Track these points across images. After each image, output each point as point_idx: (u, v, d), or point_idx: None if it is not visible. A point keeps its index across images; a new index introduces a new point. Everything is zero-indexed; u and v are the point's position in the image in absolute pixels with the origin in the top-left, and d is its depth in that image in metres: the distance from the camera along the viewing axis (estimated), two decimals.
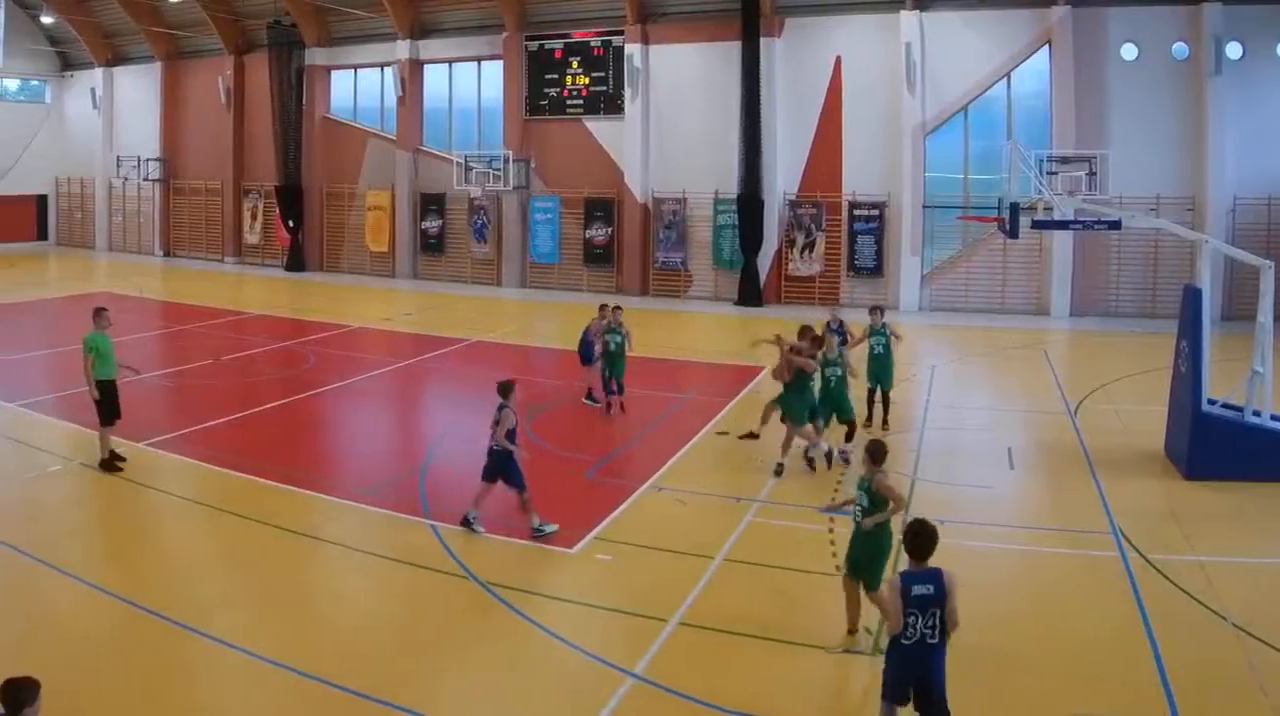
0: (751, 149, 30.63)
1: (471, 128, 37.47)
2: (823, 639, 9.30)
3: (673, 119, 32.88)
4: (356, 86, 40.43)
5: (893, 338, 16.79)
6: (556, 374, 21.78)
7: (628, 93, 33.25)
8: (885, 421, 16.85)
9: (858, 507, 9.19)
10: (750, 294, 31.11)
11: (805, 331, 14.79)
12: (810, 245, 30.98)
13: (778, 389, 14.70)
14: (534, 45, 35.22)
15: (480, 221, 36.51)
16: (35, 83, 50.07)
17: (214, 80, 42.98)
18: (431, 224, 37.89)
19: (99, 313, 14.91)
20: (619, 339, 17.54)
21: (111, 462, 14.31)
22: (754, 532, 12.30)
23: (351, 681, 8.58)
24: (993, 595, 10.19)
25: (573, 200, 34.70)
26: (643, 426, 17.39)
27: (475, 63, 37.14)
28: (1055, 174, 25.34)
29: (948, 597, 6.91)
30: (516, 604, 10.20)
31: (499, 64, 35.96)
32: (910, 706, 7.32)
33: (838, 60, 30.34)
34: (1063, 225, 20.51)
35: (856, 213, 30.40)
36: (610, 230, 34.01)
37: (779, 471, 14.20)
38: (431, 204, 37.71)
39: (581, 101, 34.69)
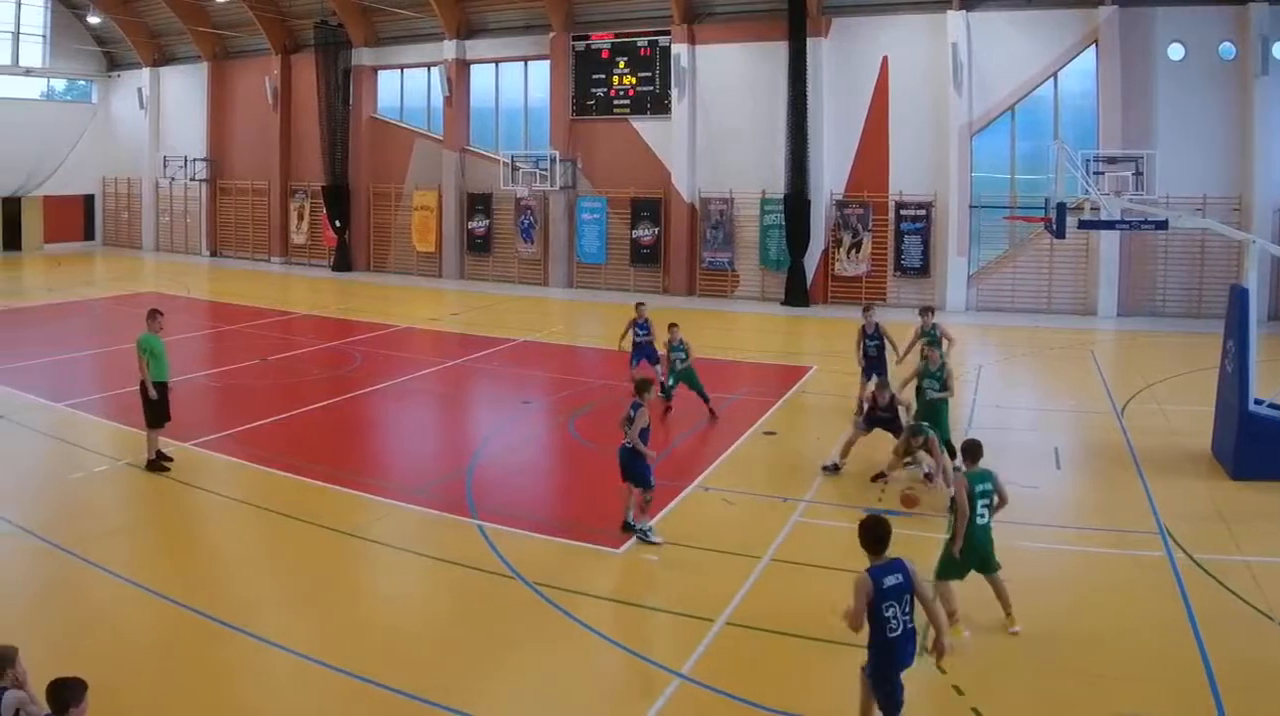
0: (798, 149, 32.25)
1: (518, 128, 39.47)
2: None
3: (719, 119, 34.56)
4: (403, 86, 42.52)
5: (944, 339, 17.14)
6: (602, 374, 23.00)
7: (674, 92, 34.98)
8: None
9: (985, 503, 9.83)
10: (797, 294, 32.73)
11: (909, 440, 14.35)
12: (857, 245, 32.46)
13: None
14: (581, 45, 37.07)
15: (527, 221, 38.38)
16: (82, 83, 52.69)
17: (261, 80, 45.29)
18: (478, 224, 39.87)
19: (153, 314, 15.49)
20: (683, 356, 18.33)
21: (158, 463, 14.95)
22: (801, 532, 12.85)
23: (398, 681, 9.02)
24: (1039, 594, 10.76)
25: (619, 200, 36.55)
26: (689, 426, 18.10)
27: (522, 63, 39.06)
28: (1102, 174, 26.69)
29: (916, 584, 7.51)
30: (563, 603, 10.66)
31: (546, 64, 37.82)
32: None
33: (884, 60, 31.87)
34: (1109, 225, 21.88)
35: (903, 212, 31.94)
36: (657, 230, 35.77)
37: (835, 470, 14.85)
38: (478, 204, 39.73)
39: (628, 101, 36.48)
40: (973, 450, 10.24)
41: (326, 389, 21.07)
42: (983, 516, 9.82)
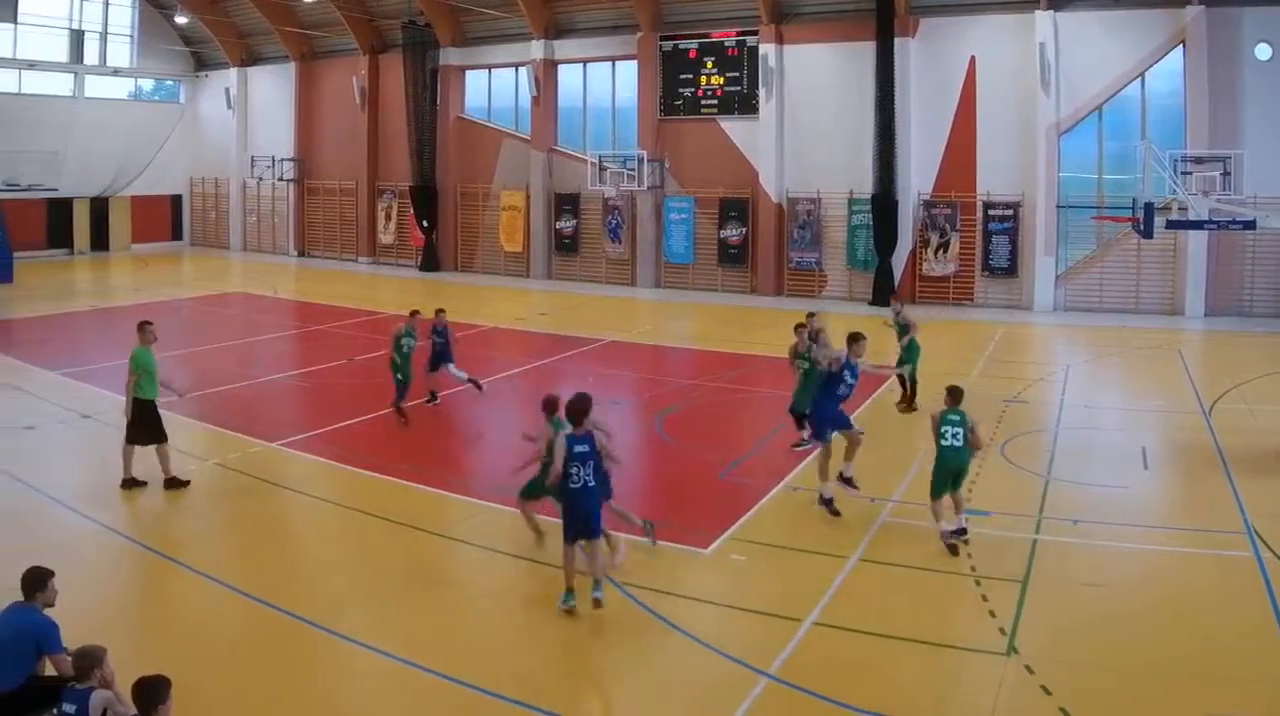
0: (886, 149, 35.42)
1: (606, 128, 43.44)
2: (956, 639, 10.74)
3: (807, 119, 37.95)
4: (491, 86, 46.69)
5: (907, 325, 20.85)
6: (690, 374, 25.15)
7: (762, 92, 38.38)
8: (913, 401, 20.57)
9: (954, 432, 13.03)
10: (884, 294, 35.56)
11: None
12: (945, 245, 35.35)
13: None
14: (668, 45, 40.73)
15: (615, 221, 42.05)
16: (170, 83, 57.97)
17: (348, 80, 49.87)
18: (565, 224, 43.68)
19: (143, 326, 15.84)
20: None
21: (135, 482, 15.34)
22: (888, 532, 13.83)
23: (485, 681, 9.75)
24: (1127, 595, 11.73)
25: (707, 200, 40.12)
26: (776, 426, 19.11)
27: (610, 63, 42.87)
28: (1189, 174, 28.67)
29: (601, 453, 11.29)
30: (650, 603, 11.47)
31: (633, 64, 41.62)
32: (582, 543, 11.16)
33: (972, 60, 34.93)
34: (1197, 225, 24.31)
35: (991, 212, 34.97)
36: (745, 230, 39.24)
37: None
38: (565, 204, 43.62)
39: (716, 101, 40.02)
40: (953, 393, 13.50)
41: (413, 389, 21.47)
42: (951, 440, 13.08)
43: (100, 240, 53.85)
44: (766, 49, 37.93)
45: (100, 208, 53.90)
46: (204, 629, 10.98)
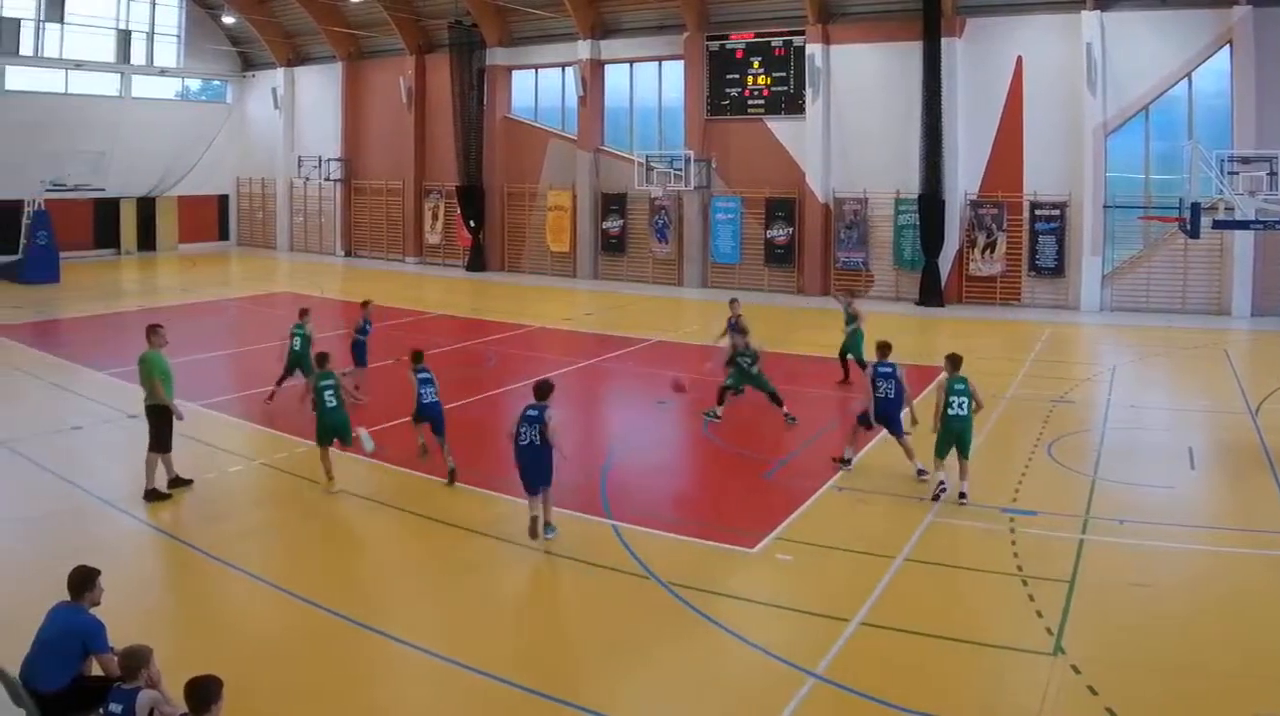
0: (932, 149, 36.92)
1: (652, 127, 45.31)
2: (1003, 639, 11.13)
3: (854, 119, 39.56)
4: (537, 86, 48.68)
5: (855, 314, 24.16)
6: None
7: (809, 92, 40.06)
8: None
9: (959, 400, 15.35)
10: (931, 294, 37.38)
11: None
12: (991, 245, 36.75)
13: None
14: (715, 45, 42.52)
15: (661, 221, 43.89)
16: (216, 83, 60.47)
17: (395, 80, 52.12)
18: (612, 224, 45.62)
19: (154, 329, 16.26)
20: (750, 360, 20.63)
21: (156, 493, 15.59)
22: (935, 532, 14.24)
23: (532, 681, 10.12)
24: (1174, 595, 12.13)
25: (754, 200, 41.87)
26: (822, 426, 20.12)
27: (656, 63, 44.69)
28: (1236, 174, 29.65)
29: (547, 421, 13.55)
30: (697, 603, 11.87)
31: (680, 64, 43.41)
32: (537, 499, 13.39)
33: (1019, 60, 36.37)
34: (1244, 225, 25.27)
35: (1038, 212, 36.44)
36: (791, 230, 40.93)
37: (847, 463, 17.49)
38: (612, 204, 45.54)
39: (762, 101, 41.76)
40: (953, 360, 15.80)
41: (460, 389, 22.60)
42: (958, 409, 15.36)
43: (147, 240, 56.11)
44: (813, 49, 39.50)
45: (147, 208, 56.17)
46: (250, 628, 11.49)
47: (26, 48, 49.60)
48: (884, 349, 17.37)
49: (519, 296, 41.05)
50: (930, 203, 36.86)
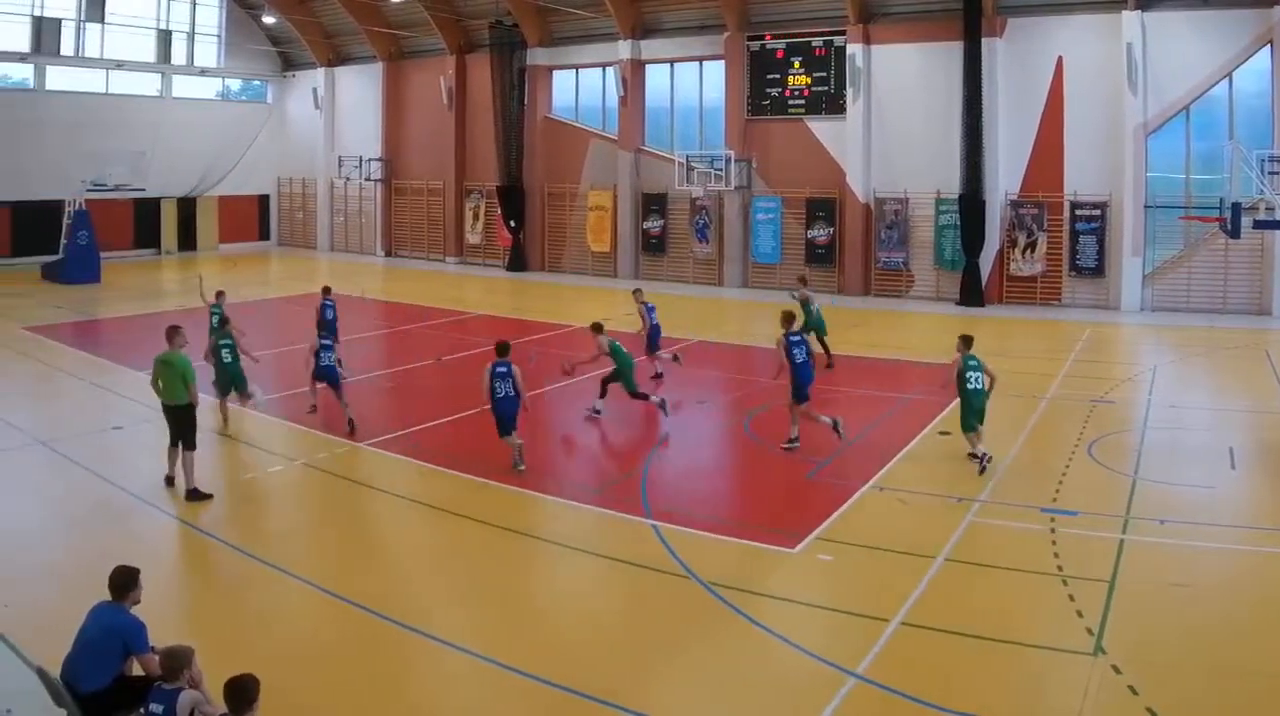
0: (973, 149, 38.09)
1: (693, 127, 46.71)
2: (1044, 639, 11.35)
3: (894, 119, 40.79)
4: (578, 86, 50.23)
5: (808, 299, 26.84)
6: (777, 373, 26.50)
7: (849, 92, 41.34)
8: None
9: (978, 376, 17.66)
10: (972, 294, 38.55)
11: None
12: (1032, 245, 37.85)
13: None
14: (755, 45, 43.92)
15: (702, 221, 45.33)
16: (257, 83, 62.47)
17: (436, 80, 53.78)
18: (653, 224, 47.11)
19: (175, 330, 16.68)
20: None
21: (198, 493, 16.12)
22: (975, 532, 14.59)
23: (572, 681, 10.33)
24: (1215, 595, 12.37)
25: (794, 200, 43.20)
26: (864, 426, 20.48)
27: (697, 62, 46.13)
28: (1277, 174, 30.59)
29: (516, 374, 17.35)
30: (738, 603, 12.13)
31: (720, 64, 44.79)
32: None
33: (1059, 60, 37.46)
34: None
35: (1078, 212, 37.51)
36: (832, 230, 42.25)
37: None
38: (653, 204, 47.02)
39: (803, 101, 43.12)
40: (966, 339, 18.09)
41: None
42: (975, 384, 17.62)
43: (187, 240, 57.94)
44: (854, 49, 40.74)
45: (187, 208, 58.00)
46: (291, 629, 11.73)
47: (67, 48, 51.35)
48: (789, 318, 19.93)
49: (559, 296, 42.11)
50: (971, 202, 37.93)
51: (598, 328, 22.17)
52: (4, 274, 46.71)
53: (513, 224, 50.09)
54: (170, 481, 16.53)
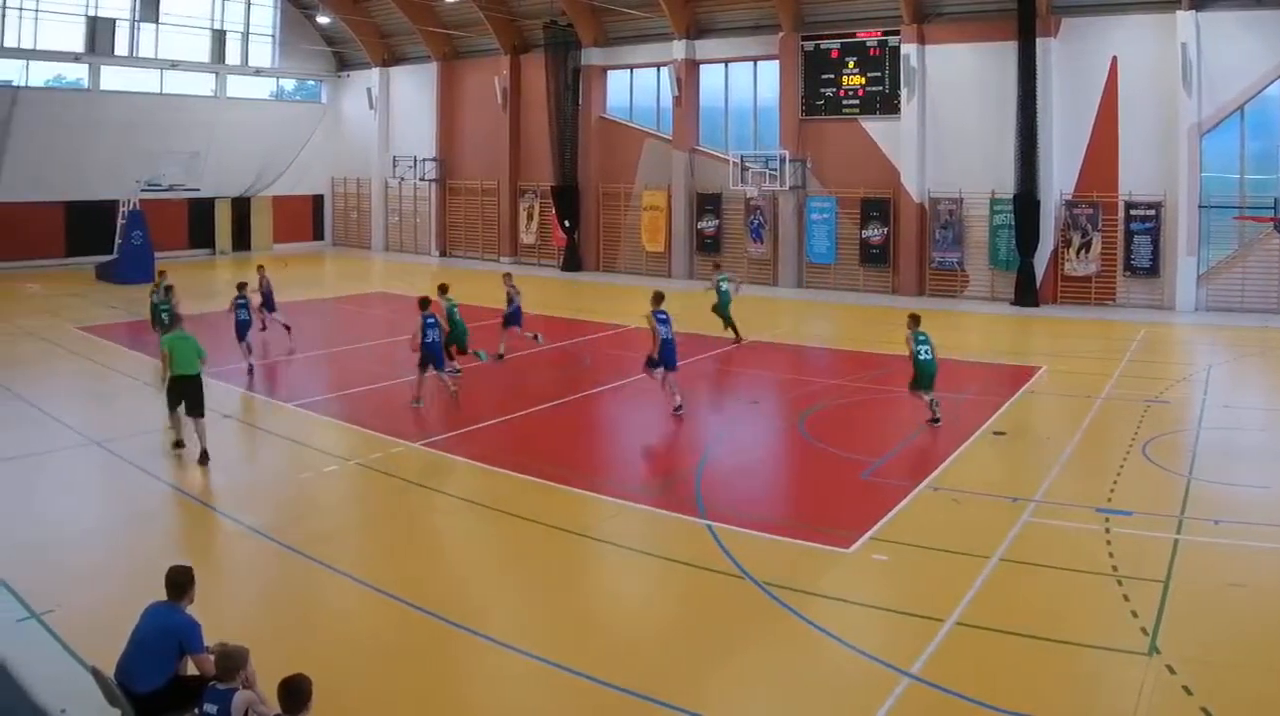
0: (1027, 149, 39.53)
1: (747, 127, 48.54)
2: (1098, 639, 11.50)
3: (948, 119, 42.37)
4: (633, 86, 52.23)
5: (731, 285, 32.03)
6: (832, 374, 27.46)
7: (904, 92, 42.95)
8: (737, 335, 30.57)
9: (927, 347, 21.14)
10: (1027, 294, 39.98)
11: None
12: (1086, 245, 39.25)
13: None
14: (810, 45, 45.65)
15: (756, 221, 47.17)
16: (311, 83, 64.98)
17: (490, 80, 56.02)
18: (708, 224, 48.99)
19: (177, 319, 20.28)
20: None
21: (206, 455, 18.28)
22: (1030, 532, 14.89)
23: (627, 681, 10.55)
24: (1270, 595, 12.60)
25: (849, 200, 44.88)
26: (918, 426, 21.14)
27: (751, 63, 47.91)
28: None
29: (441, 323, 23.45)
30: (793, 603, 12.37)
31: (775, 64, 46.55)
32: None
33: (1113, 60, 38.83)
34: None
35: (1132, 212, 38.87)
36: (886, 230, 43.87)
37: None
38: (707, 204, 48.88)
39: (857, 101, 44.78)
40: (914, 318, 22.03)
41: (556, 388, 24.73)
42: (926, 354, 21.05)
43: (242, 240, 60.26)
44: (908, 49, 42.29)
45: (242, 208, 60.42)
46: (346, 629, 11.99)
47: (122, 48, 53.73)
48: (659, 298, 22.81)
49: (614, 296, 43.48)
50: (1025, 202, 39.29)
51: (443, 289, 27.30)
52: (59, 274, 48.45)
53: (567, 224, 52.01)
54: (179, 444, 18.77)
